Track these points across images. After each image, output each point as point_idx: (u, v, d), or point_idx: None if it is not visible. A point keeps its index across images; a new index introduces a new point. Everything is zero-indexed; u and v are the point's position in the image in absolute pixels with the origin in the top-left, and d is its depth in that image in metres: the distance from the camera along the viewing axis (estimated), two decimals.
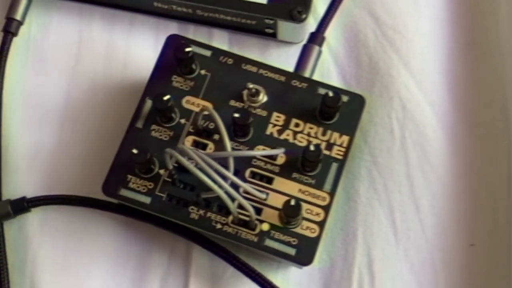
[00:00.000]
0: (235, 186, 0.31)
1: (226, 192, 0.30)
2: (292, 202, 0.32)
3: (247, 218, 0.33)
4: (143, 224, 0.36)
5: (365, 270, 0.36)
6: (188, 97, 0.35)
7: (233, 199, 0.31)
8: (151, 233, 0.36)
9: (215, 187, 0.30)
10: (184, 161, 0.30)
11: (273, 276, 0.35)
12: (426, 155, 0.38)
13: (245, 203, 0.31)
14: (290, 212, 0.32)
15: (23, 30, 0.39)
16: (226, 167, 0.31)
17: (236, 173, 0.33)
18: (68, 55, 0.40)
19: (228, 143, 0.32)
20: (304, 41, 0.38)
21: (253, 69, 0.35)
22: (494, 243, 0.36)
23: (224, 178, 0.30)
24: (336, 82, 0.39)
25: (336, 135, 0.34)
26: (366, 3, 0.40)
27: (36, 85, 0.39)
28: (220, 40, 0.40)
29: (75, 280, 0.36)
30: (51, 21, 0.40)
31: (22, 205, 0.36)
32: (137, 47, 0.40)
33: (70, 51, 0.40)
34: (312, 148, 0.32)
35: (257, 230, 0.33)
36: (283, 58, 0.39)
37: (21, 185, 0.37)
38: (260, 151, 0.33)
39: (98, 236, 0.37)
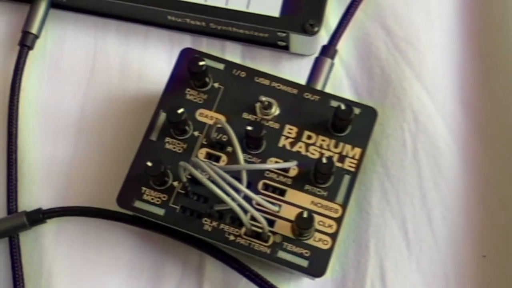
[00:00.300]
0: (248, 198, 0.31)
1: (239, 205, 0.31)
2: (305, 214, 0.32)
3: (260, 230, 0.33)
4: (157, 235, 0.36)
5: (377, 281, 0.36)
6: (201, 110, 0.35)
7: (246, 211, 0.31)
8: (165, 245, 0.37)
9: (228, 199, 0.30)
10: (198, 174, 0.30)
11: (285, 287, 0.36)
12: (439, 167, 0.38)
13: (258, 216, 0.31)
14: (303, 224, 0.32)
15: (39, 43, 0.40)
16: (239, 179, 0.32)
17: (249, 185, 0.33)
18: (83, 68, 0.40)
19: (241, 156, 0.32)
20: (316, 54, 0.38)
21: (266, 82, 0.36)
22: (506, 254, 0.36)
23: (237, 190, 0.30)
24: (348, 94, 0.39)
25: (348, 147, 0.35)
26: (378, 15, 0.41)
27: (52, 98, 0.40)
28: (233, 52, 0.40)
29: None
30: (66, 34, 0.41)
31: (38, 217, 0.36)
32: (152, 60, 0.40)
33: (85, 64, 0.40)
34: (324, 160, 0.33)
35: (270, 242, 0.33)
36: (295, 71, 0.39)
37: (37, 196, 0.38)
38: (273, 164, 0.33)
39: (113, 248, 0.37)
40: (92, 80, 0.40)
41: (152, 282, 0.37)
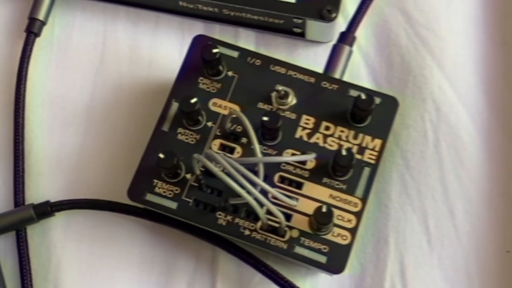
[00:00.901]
0: (264, 192, 0.30)
1: (255, 198, 0.29)
2: (324, 209, 0.30)
3: (276, 225, 0.32)
4: (169, 229, 0.35)
5: (397, 278, 0.35)
6: (215, 100, 0.34)
7: (262, 205, 0.30)
8: (177, 239, 0.36)
9: (243, 193, 0.29)
10: (212, 167, 0.29)
11: (301, 283, 0.34)
12: (461, 159, 0.36)
13: (275, 210, 0.30)
14: (322, 219, 0.31)
15: (46, 30, 0.39)
16: (255, 172, 0.30)
17: (265, 178, 0.32)
18: (92, 55, 0.39)
19: (258, 148, 0.31)
20: (334, 41, 0.37)
21: (282, 70, 0.34)
22: None
23: (253, 184, 0.29)
24: (366, 83, 0.38)
25: (368, 138, 0.33)
26: (397, 1, 0.39)
27: (60, 87, 0.39)
28: (247, 40, 0.39)
29: (99, 286, 0.35)
30: (74, 21, 0.40)
31: (46, 209, 0.35)
32: (162, 47, 0.39)
33: (94, 51, 0.39)
34: (344, 152, 0.31)
35: (287, 237, 0.32)
36: (312, 59, 0.38)
37: (45, 188, 0.37)
38: (290, 157, 0.32)
39: (123, 241, 0.36)
40: (101, 68, 0.39)
41: (164, 276, 0.36)
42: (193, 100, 0.32)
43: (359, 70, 0.38)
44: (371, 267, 0.35)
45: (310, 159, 0.32)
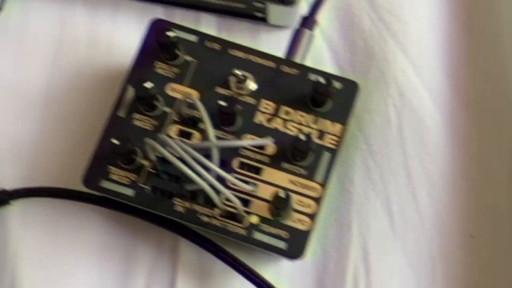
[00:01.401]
0: (221, 178, 0.30)
1: (210, 184, 0.29)
2: (282, 194, 0.30)
3: (234, 211, 0.31)
4: (129, 217, 0.34)
5: (360, 263, 0.35)
6: (172, 85, 0.33)
7: (218, 191, 0.30)
8: (137, 227, 0.35)
9: (198, 179, 0.28)
10: (165, 152, 0.28)
11: (264, 270, 0.34)
12: (424, 143, 0.36)
13: (231, 195, 0.30)
14: (280, 204, 0.30)
15: (2, 16, 0.38)
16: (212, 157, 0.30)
17: (224, 163, 0.31)
18: (49, 41, 0.38)
19: (211, 133, 0.30)
20: (296, 26, 0.36)
21: (241, 54, 0.34)
22: (494, 234, 0.35)
23: (208, 169, 0.29)
24: (330, 67, 0.38)
25: (328, 123, 0.33)
26: None
27: (17, 73, 0.38)
28: (208, 25, 0.38)
29: (58, 275, 0.35)
30: (31, 6, 0.39)
31: (1, 198, 0.34)
32: (121, 33, 0.38)
33: (52, 37, 0.38)
34: (302, 137, 0.31)
35: (246, 223, 0.31)
36: (274, 43, 0.37)
37: (0, 176, 0.36)
38: (246, 141, 0.32)
39: (82, 230, 0.35)
40: (59, 54, 0.38)
41: (124, 265, 0.35)
42: (148, 85, 0.31)
43: (323, 55, 0.38)
44: (334, 252, 0.35)
45: (266, 143, 0.32)
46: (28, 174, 0.36)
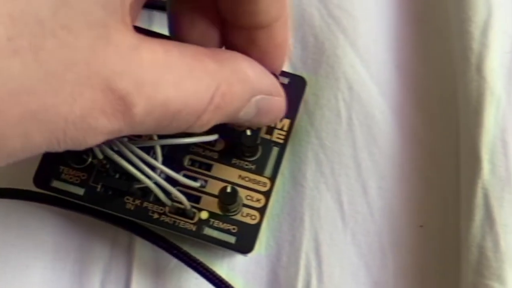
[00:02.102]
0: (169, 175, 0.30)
1: (155, 182, 0.29)
2: (228, 189, 0.31)
3: (183, 207, 0.32)
4: (83, 216, 0.35)
5: (312, 255, 0.35)
6: None
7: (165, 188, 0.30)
8: (91, 225, 0.35)
9: (143, 178, 0.29)
10: (108, 151, 0.29)
11: (219, 265, 0.35)
12: (373, 136, 0.37)
13: (176, 192, 0.30)
14: (227, 199, 0.31)
15: None
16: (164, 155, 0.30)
17: (175, 161, 0.32)
18: None
19: None
20: None
21: None
22: (443, 223, 0.35)
23: (153, 168, 0.29)
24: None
25: None
26: None
27: None
28: (161, 23, 0.38)
29: (12, 275, 0.35)
30: None
31: None
32: None
33: None
34: (248, 132, 0.31)
35: (196, 219, 0.32)
36: None
37: None
38: (190, 139, 0.32)
39: (36, 230, 0.35)
40: None
41: (79, 264, 0.35)
42: None
43: (290, 48, 0.38)
44: (287, 245, 0.35)
45: (211, 140, 0.32)
46: None
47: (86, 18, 0.20)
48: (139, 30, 0.33)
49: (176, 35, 0.28)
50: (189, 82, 0.23)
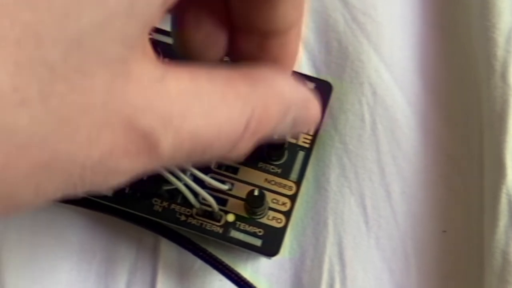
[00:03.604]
0: (199, 178, 0.31)
1: (185, 184, 0.30)
2: (256, 192, 0.31)
3: (211, 209, 0.32)
4: (109, 217, 0.35)
5: (335, 259, 0.35)
6: None
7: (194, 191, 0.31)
8: (117, 226, 0.36)
9: (172, 179, 0.29)
10: None
11: (242, 268, 0.35)
12: (397, 140, 0.37)
13: (205, 194, 0.30)
14: (254, 202, 0.31)
15: None
16: None
17: (201, 163, 0.32)
18: None
19: None
20: None
21: None
22: (466, 229, 0.36)
23: (185, 170, 0.29)
24: (305, 68, 0.38)
25: None
26: None
27: None
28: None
29: (40, 276, 0.35)
30: None
31: None
32: None
33: None
34: (276, 136, 0.32)
35: (222, 221, 0.32)
36: None
37: None
38: None
39: (63, 230, 0.36)
40: None
41: (105, 264, 0.36)
42: None
43: (299, 56, 0.39)
44: (311, 249, 0.36)
45: None
46: None
47: (102, 57, 0.18)
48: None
49: (178, 33, 0.26)
50: (221, 110, 0.21)
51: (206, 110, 0.21)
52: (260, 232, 0.32)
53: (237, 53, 0.27)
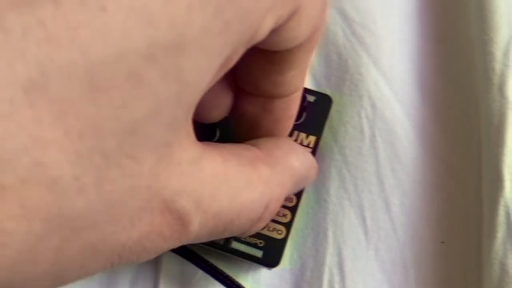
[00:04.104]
0: None
1: None
2: None
3: None
4: None
5: (335, 270, 0.36)
6: None
7: None
8: None
9: None
10: None
11: (243, 278, 0.35)
12: (396, 153, 0.37)
13: None
14: None
15: None
16: None
17: None
18: None
19: None
20: None
21: None
22: (464, 240, 0.36)
23: None
24: (305, 81, 0.39)
25: (303, 135, 0.34)
26: (335, 1, 0.40)
27: None
28: None
29: None
30: None
31: None
32: None
33: None
34: None
35: None
36: None
37: None
38: None
39: None
40: None
41: (107, 275, 0.36)
42: None
43: None
44: (311, 260, 0.36)
45: None
46: None
47: (152, 142, 0.18)
48: None
49: None
50: (245, 193, 0.23)
51: (231, 192, 0.22)
52: (261, 243, 0.32)
53: (241, 113, 0.28)
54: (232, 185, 0.22)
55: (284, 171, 0.26)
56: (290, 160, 0.27)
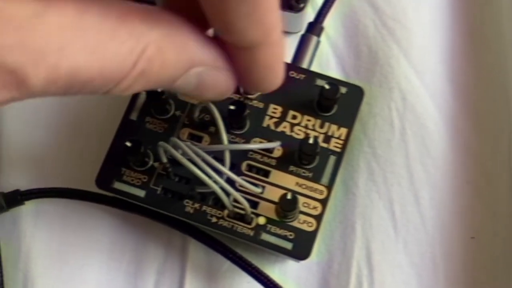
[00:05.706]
0: (230, 180, 0.31)
1: (220, 187, 0.30)
2: (289, 196, 0.31)
3: (242, 212, 0.32)
4: (139, 217, 0.35)
5: (363, 263, 0.35)
6: None
7: (227, 193, 0.31)
8: (146, 227, 0.36)
9: (209, 181, 0.29)
10: (177, 154, 0.29)
11: (270, 270, 0.35)
12: (426, 147, 0.37)
13: (240, 198, 0.31)
14: (287, 205, 0.31)
15: None
16: (222, 160, 0.31)
17: (233, 166, 0.32)
18: None
19: (224, 137, 0.31)
20: (302, 31, 0.37)
21: None
22: (495, 235, 0.36)
23: (218, 172, 0.30)
24: (335, 73, 0.39)
25: (334, 127, 0.34)
26: None
27: None
28: None
29: (69, 274, 0.36)
30: None
31: (16, 198, 0.35)
32: None
33: None
34: (309, 141, 0.32)
35: (253, 224, 0.32)
36: None
37: (15, 178, 0.37)
38: (256, 145, 0.32)
39: (93, 230, 0.36)
40: None
41: (134, 264, 0.36)
42: (160, 89, 0.32)
43: (328, 60, 0.39)
44: (339, 253, 0.36)
45: (275, 146, 0.32)
46: (41, 175, 0.37)
47: None
48: None
49: None
50: (108, 47, 0.20)
51: (90, 45, 0.20)
52: (291, 235, 0.32)
53: None
54: (90, 37, 0.20)
55: (166, 36, 0.22)
56: (180, 30, 0.22)
